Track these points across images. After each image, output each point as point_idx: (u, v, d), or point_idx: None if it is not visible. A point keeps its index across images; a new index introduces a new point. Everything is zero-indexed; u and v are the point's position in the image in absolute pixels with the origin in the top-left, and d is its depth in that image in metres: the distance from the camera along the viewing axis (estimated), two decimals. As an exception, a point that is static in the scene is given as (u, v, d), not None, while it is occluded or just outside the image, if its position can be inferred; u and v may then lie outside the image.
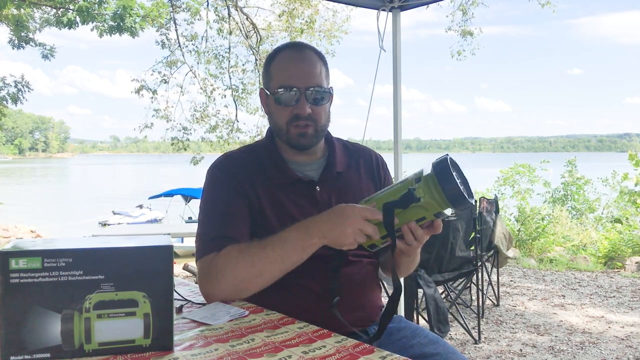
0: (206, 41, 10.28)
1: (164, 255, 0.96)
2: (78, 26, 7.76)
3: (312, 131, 1.36)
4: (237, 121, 10.93)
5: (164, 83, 10.56)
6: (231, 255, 1.24)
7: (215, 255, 1.26)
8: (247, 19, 10.33)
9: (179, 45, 10.06)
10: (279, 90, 1.34)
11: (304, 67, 1.35)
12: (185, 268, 6.04)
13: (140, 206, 18.68)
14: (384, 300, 1.28)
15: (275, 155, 1.41)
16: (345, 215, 1.14)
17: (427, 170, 1.14)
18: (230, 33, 10.12)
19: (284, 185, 1.37)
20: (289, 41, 1.56)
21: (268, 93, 1.39)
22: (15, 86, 9.79)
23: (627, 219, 8.30)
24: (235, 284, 1.23)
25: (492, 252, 4.80)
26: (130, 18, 7.56)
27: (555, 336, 4.02)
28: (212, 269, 1.25)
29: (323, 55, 1.43)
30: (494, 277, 5.05)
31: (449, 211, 1.14)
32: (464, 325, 3.88)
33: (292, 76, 1.34)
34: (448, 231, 3.70)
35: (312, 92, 1.34)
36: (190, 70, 10.48)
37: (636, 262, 6.46)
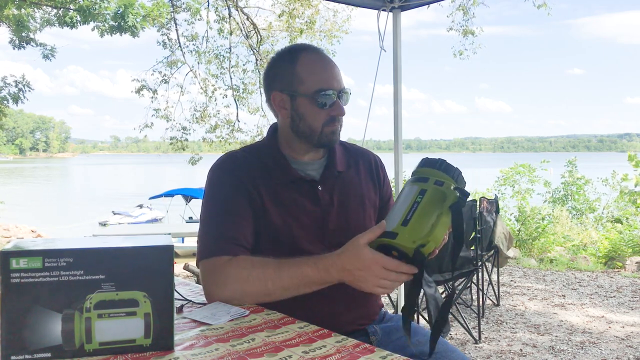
0: (207, 41, 10.29)
1: (165, 255, 0.96)
2: (79, 26, 7.77)
3: (340, 129, 1.41)
4: (238, 121, 10.94)
5: (165, 83, 10.57)
6: (244, 268, 1.24)
7: (226, 262, 1.26)
8: (247, 19, 10.33)
9: (180, 45, 10.06)
10: (319, 93, 1.35)
11: (334, 70, 1.40)
12: (186, 268, 6.04)
13: (141, 206, 18.71)
14: (384, 299, 1.28)
15: (277, 155, 1.41)
16: (367, 267, 1.10)
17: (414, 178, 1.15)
18: (231, 33, 10.12)
19: (286, 184, 1.38)
20: (304, 44, 1.54)
21: (296, 95, 1.38)
22: (16, 86, 9.79)
23: (627, 218, 8.30)
24: (242, 296, 1.24)
25: (492, 252, 4.80)
26: (131, 18, 7.57)
27: (556, 336, 4.02)
28: (221, 274, 1.25)
29: None
30: (494, 277, 5.05)
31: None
32: (464, 325, 3.88)
33: (330, 79, 1.37)
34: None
35: (345, 94, 1.39)
36: (191, 70, 10.49)
37: (636, 262, 6.46)
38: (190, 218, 13.42)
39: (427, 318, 3.48)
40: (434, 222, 1.08)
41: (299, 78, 1.37)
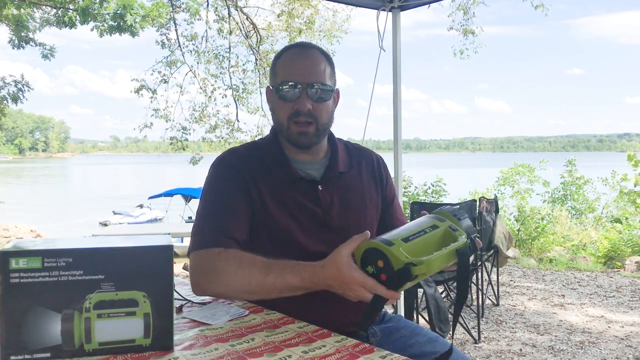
0: (206, 41, 10.28)
1: (164, 255, 0.96)
2: (78, 26, 7.77)
3: (313, 130, 1.36)
4: (238, 121, 10.94)
5: (164, 83, 10.57)
6: (231, 264, 1.23)
7: (216, 254, 1.26)
8: (247, 18, 10.33)
9: (179, 45, 10.06)
10: (282, 85, 1.36)
11: (307, 64, 1.37)
12: (186, 268, 6.04)
13: (141, 206, 18.73)
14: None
15: (279, 154, 1.41)
16: (346, 284, 1.06)
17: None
18: (231, 33, 10.12)
19: (286, 183, 1.38)
20: (298, 42, 1.56)
21: (273, 89, 1.41)
22: (15, 86, 9.79)
23: (626, 218, 8.30)
24: (227, 291, 1.24)
25: (492, 251, 4.80)
26: (131, 17, 7.56)
27: (555, 336, 4.03)
28: (210, 267, 1.25)
29: (330, 56, 1.44)
30: (493, 277, 5.06)
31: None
32: (464, 325, 3.88)
33: (295, 72, 1.36)
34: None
35: (314, 89, 1.35)
36: (190, 70, 10.49)
37: (636, 262, 6.46)
38: (190, 218, 13.41)
39: (427, 318, 3.47)
40: (436, 251, 1.03)
41: (275, 72, 1.41)
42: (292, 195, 1.37)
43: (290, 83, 1.34)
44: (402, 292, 3.51)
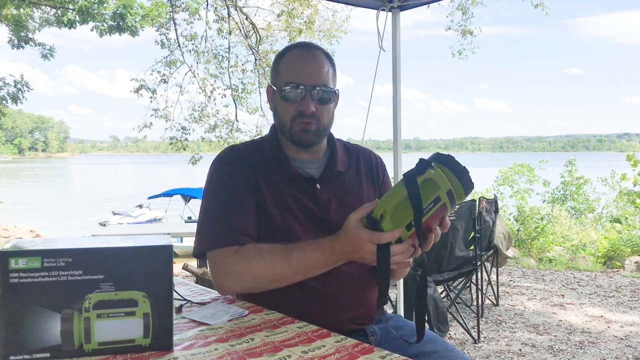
0: (205, 41, 10.28)
1: (164, 255, 0.96)
2: (78, 26, 7.77)
3: (314, 128, 1.37)
4: (237, 121, 10.94)
5: (164, 83, 10.56)
6: (252, 257, 1.25)
7: (235, 251, 1.27)
8: (246, 18, 10.33)
9: (179, 45, 10.06)
10: (286, 86, 1.36)
11: (311, 66, 1.38)
12: (185, 268, 6.04)
13: (140, 206, 18.73)
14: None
15: (278, 152, 1.42)
16: (359, 246, 1.11)
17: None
18: (230, 33, 10.12)
19: (285, 181, 1.38)
20: (300, 41, 1.57)
21: (275, 89, 1.41)
22: (15, 86, 9.79)
23: (626, 218, 8.31)
24: (253, 283, 1.26)
25: (491, 251, 4.80)
26: (131, 17, 7.57)
27: (555, 336, 4.03)
28: (232, 265, 1.26)
29: (332, 57, 1.45)
30: (493, 277, 5.06)
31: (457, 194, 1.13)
32: (464, 325, 3.88)
33: (300, 73, 1.36)
34: (448, 231, 3.69)
35: (318, 91, 1.36)
36: (190, 70, 10.48)
37: (635, 262, 6.46)
38: (190, 218, 13.41)
39: (426, 318, 3.47)
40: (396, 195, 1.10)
41: (278, 72, 1.41)
42: (291, 192, 1.37)
43: (294, 84, 1.35)
44: (403, 293, 3.51)
